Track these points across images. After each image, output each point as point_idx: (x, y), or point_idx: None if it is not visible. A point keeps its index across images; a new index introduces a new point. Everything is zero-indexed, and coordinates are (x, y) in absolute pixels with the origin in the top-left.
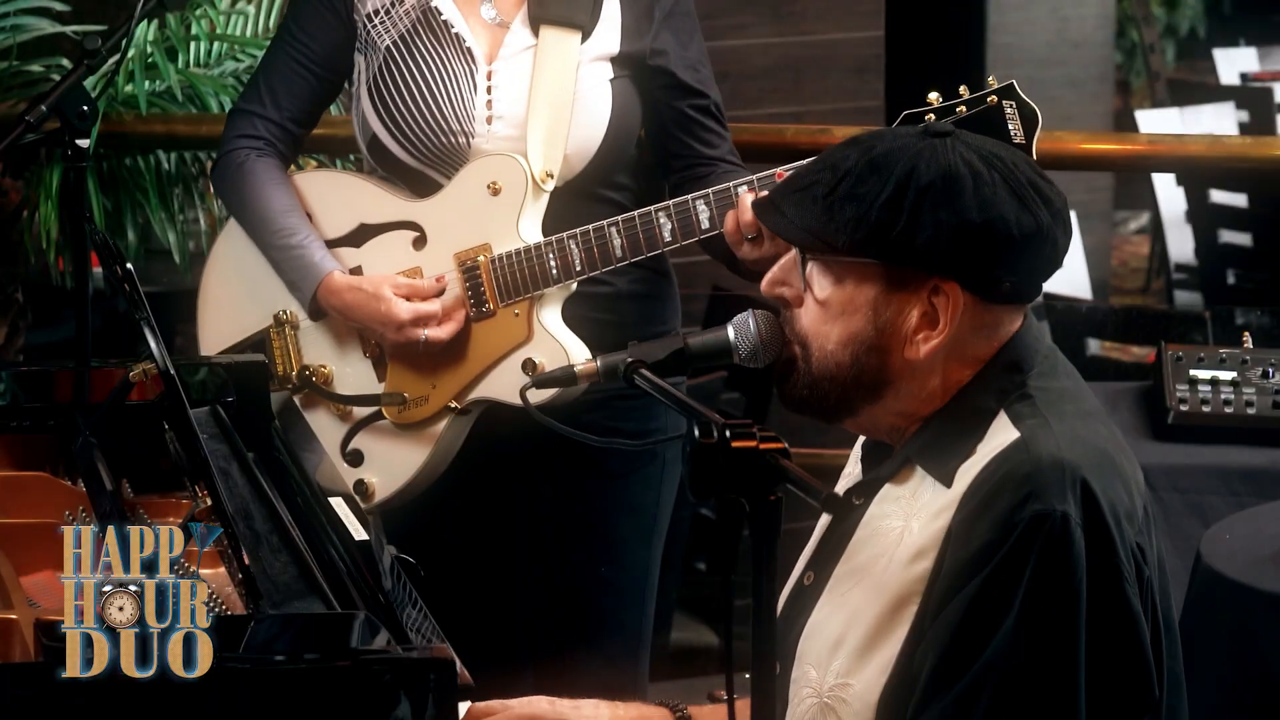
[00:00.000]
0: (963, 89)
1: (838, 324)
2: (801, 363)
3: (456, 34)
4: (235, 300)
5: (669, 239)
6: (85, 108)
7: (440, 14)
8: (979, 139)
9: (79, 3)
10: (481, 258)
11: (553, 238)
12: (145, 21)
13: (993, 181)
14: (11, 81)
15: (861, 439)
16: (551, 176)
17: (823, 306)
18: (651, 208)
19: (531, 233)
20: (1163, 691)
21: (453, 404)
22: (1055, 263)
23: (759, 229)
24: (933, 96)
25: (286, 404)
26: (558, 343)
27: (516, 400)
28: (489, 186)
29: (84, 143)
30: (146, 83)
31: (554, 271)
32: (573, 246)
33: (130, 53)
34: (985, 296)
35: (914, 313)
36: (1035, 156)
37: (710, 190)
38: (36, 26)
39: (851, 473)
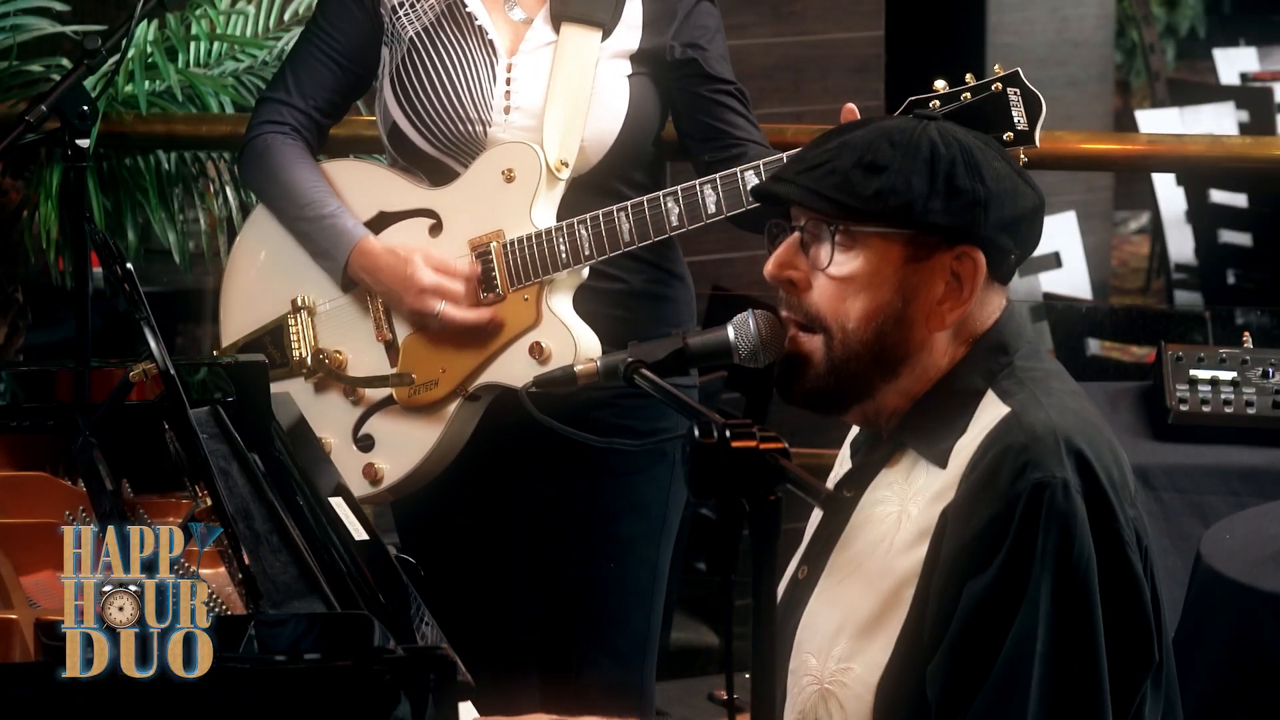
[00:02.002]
0: (968, 76)
1: (860, 299)
2: (824, 348)
3: (480, 26)
4: (257, 288)
5: (676, 224)
6: (85, 108)
7: (465, 6)
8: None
9: (79, 3)
10: (494, 243)
11: (562, 223)
12: (145, 21)
13: (996, 159)
14: (11, 81)
15: (850, 436)
16: (566, 165)
17: (843, 283)
18: (659, 193)
19: (545, 220)
20: (1163, 659)
21: (461, 388)
22: (1039, 240)
23: None
24: (939, 84)
25: (299, 421)
26: (565, 328)
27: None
28: (504, 173)
29: (84, 143)
30: (146, 83)
31: (563, 256)
32: (581, 231)
33: (130, 53)
34: (995, 266)
35: (939, 282)
36: (1037, 163)
37: (718, 175)
38: (36, 26)
39: (840, 472)
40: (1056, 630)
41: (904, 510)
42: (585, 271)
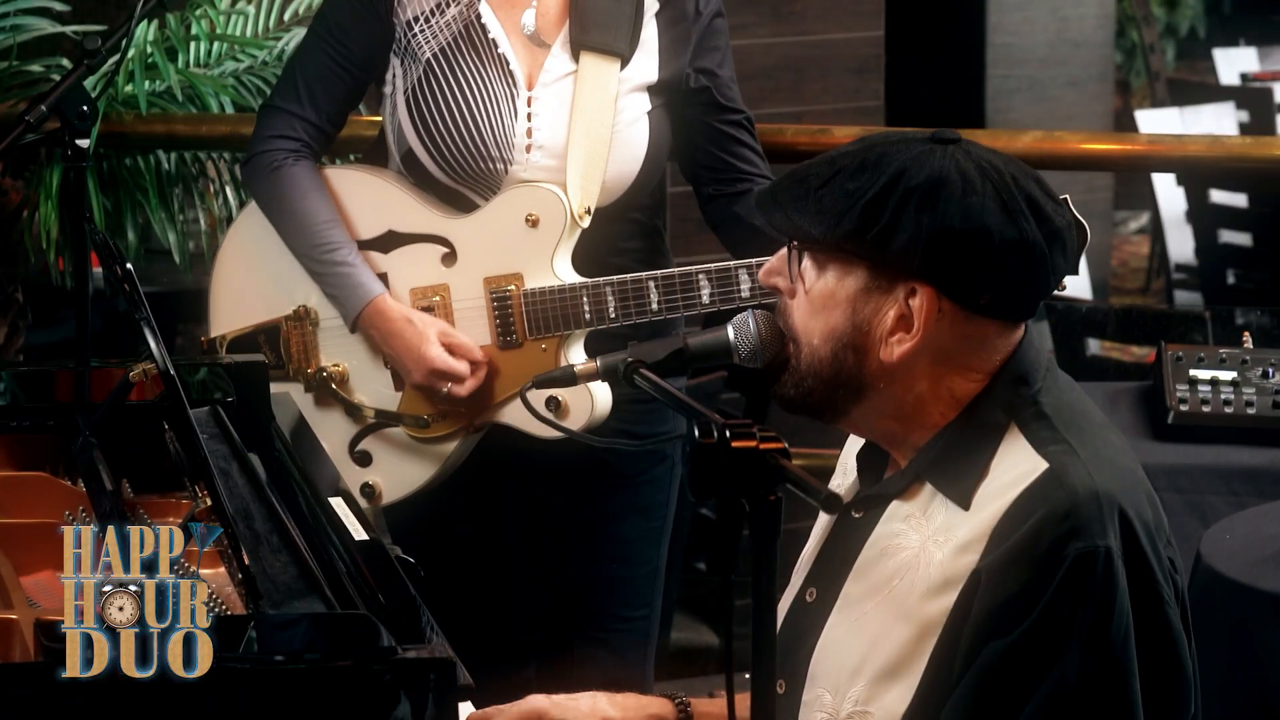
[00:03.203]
0: None
1: (820, 318)
2: (793, 360)
3: (501, 54)
4: (255, 283)
5: (707, 302)
6: (85, 108)
7: (487, 31)
8: (986, 150)
9: (79, 3)
10: (513, 287)
11: (588, 281)
12: (145, 21)
13: (983, 191)
14: (11, 81)
15: (856, 447)
16: (589, 213)
17: (810, 299)
18: (693, 269)
19: (564, 269)
20: (1198, 708)
21: (469, 426)
22: (1046, 282)
23: None
24: None
25: (299, 421)
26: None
27: (534, 429)
28: (527, 218)
29: (84, 143)
30: (146, 83)
31: (587, 315)
32: (608, 293)
33: (130, 53)
34: (965, 306)
35: (890, 314)
36: (1037, 164)
37: (754, 261)
38: (36, 26)
39: (842, 483)
40: (1093, 706)
41: (925, 549)
42: None
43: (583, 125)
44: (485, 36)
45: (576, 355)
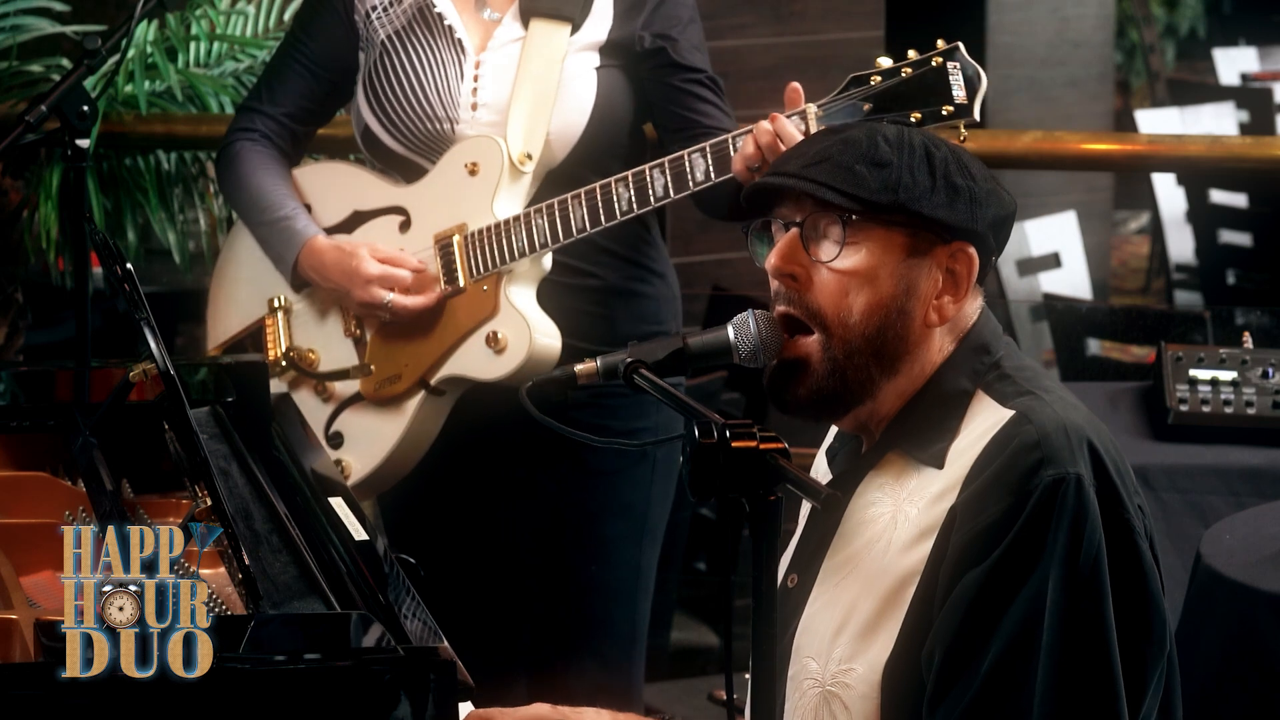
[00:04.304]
0: (910, 52)
1: (864, 293)
2: (822, 349)
3: (449, 26)
4: (241, 291)
5: (625, 208)
6: (85, 108)
7: (434, 7)
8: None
9: (79, 3)
10: (457, 236)
11: (519, 212)
12: (145, 21)
13: (976, 162)
14: (11, 81)
15: (825, 445)
16: (530, 158)
17: (846, 277)
18: (611, 179)
19: (507, 212)
20: (1170, 645)
21: (423, 380)
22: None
23: (761, 160)
24: (881, 61)
25: (299, 421)
26: (521, 317)
27: (484, 376)
28: (467, 167)
29: (84, 143)
30: (146, 83)
31: (520, 245)
32: (537, 220)
33: (130, 53)
34: (983, 265)
35: (938, 276)
36: (1037, 164)
37: (666, 160)
38: (36, 26)
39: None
40: (1065, 627)
41: (899, 511)
42: (548, 263)
43: (527, 80)
44: (433, 12)
45: (519, 294)
